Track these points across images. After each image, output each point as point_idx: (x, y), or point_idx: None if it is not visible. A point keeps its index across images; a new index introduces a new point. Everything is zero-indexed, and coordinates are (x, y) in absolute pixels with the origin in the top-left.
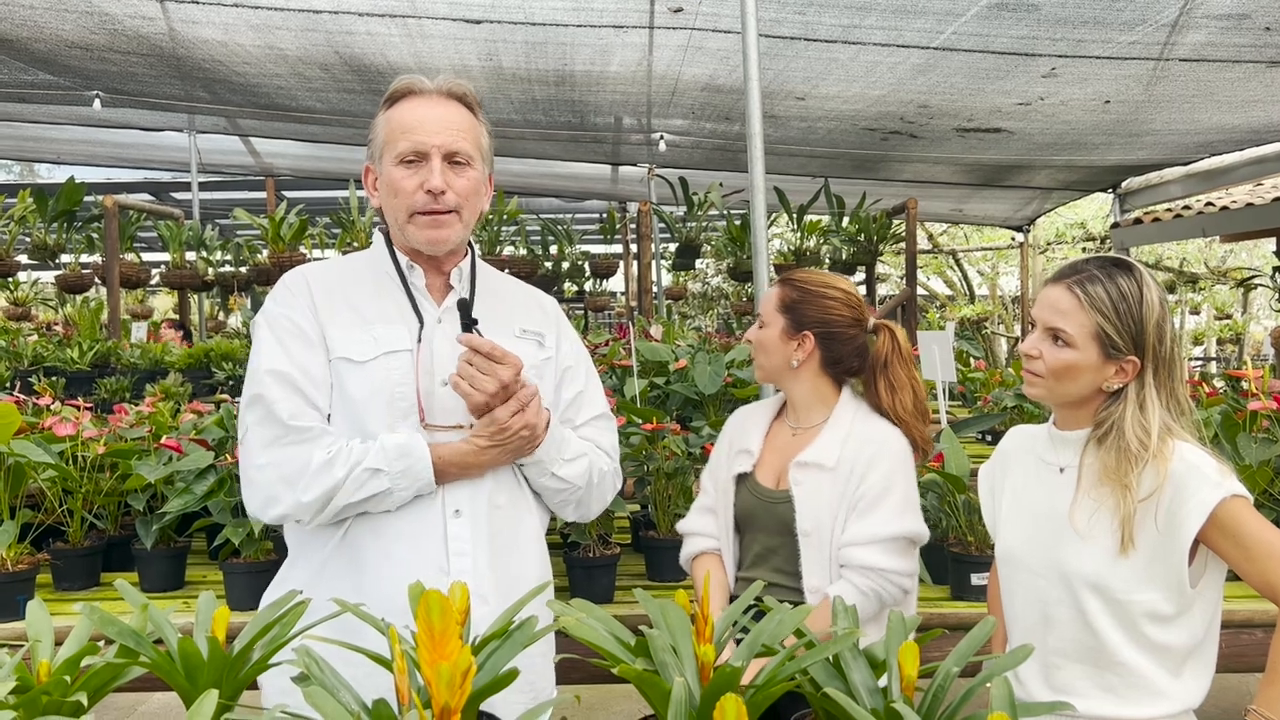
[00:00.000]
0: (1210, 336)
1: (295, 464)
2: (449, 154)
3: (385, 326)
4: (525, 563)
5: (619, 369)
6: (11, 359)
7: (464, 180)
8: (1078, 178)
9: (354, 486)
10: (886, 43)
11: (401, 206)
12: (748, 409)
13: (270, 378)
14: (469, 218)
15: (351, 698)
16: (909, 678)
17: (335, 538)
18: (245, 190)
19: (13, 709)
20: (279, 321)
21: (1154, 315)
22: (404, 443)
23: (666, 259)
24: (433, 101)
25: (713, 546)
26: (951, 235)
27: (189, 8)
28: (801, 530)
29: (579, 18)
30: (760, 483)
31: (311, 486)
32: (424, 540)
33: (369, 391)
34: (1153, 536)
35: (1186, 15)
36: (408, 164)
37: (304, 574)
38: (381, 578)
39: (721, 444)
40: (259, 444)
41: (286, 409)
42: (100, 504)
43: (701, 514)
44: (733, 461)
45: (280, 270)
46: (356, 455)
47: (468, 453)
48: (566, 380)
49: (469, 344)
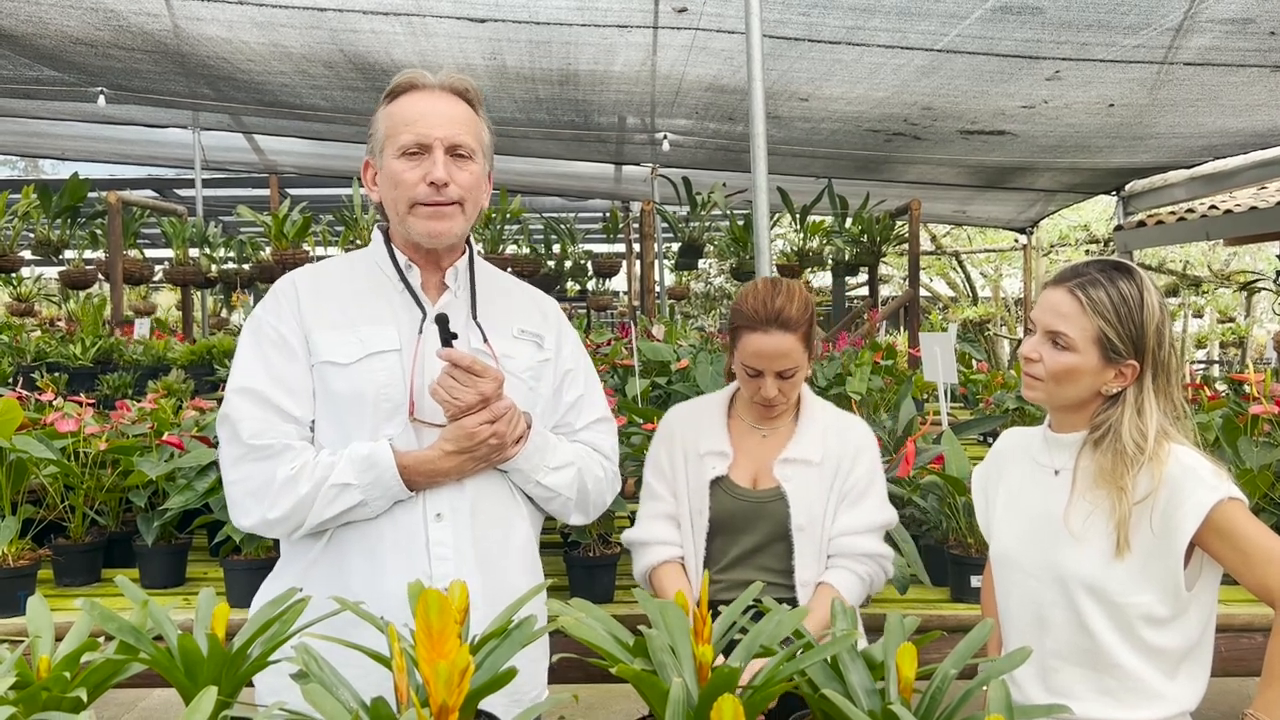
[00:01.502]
0: (1213, 340)
1: (259, 479)
2: (451, 147)
3: (372, 327)
4: (515, 568)
5: (621, 368)
6: (14, 354)
7: (466, 174)
8: (1081, 180)
9: (324, 503)
10: (891, 44)
11: (403, 198)
12: (688, 408)
13: (238, 397)
14: (470, 211)
15: (350, 696)
16: (907, 680)
17: (321, 542)
18: (249, 187)
19: (12, 704)
20: (263, 329)
21: (1154, 320)
22: (368, 454)
23: (669, 258)
24: (435, 96)
25: (677, 555)
26: (955, 237)
27: (194, 5)
28: (796, 526)
29: (583, 17)
30: (737, 484)
31: (278, 503)
32: (406, 545)
33: (354, 393)
34: (1148, 539)
35: (1191, 19)
36: (410, 156)
37: (290, 578)
38: (365, 582)
39: (671, 447)
40: (227, 460)
41: (249, 429)
42: (102, 500)
43: (660, 521)
44: (703, 465)
45: (283, 268)
46: (321, 471)
47: (433, 459)
48: (567, 384)
49: (449, 358)
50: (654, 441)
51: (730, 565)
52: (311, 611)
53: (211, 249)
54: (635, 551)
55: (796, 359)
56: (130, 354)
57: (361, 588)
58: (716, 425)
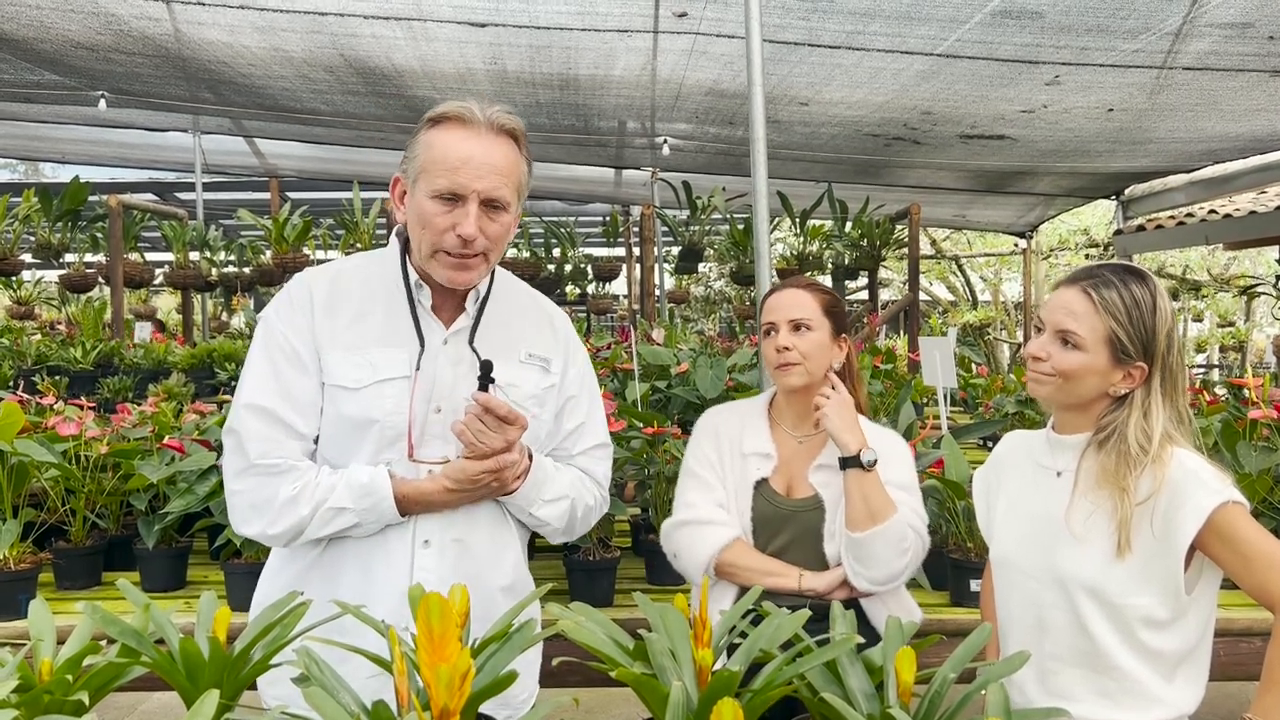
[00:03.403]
0: (1213, 344)
1: (262, 494)
2: (488, 200)
3: (384, 350)
4: (500, 591)
5: (621, 372)
6: (15, 358)
7: (497, 225)
8: (1081, 184)
9: (320, 524)
10: (890, 49)
11: (428, 241)
12: (730, 409)
13: (246, 412)
14: (494, 258)
15: (351, 699)
16: (906, 683)
17: (315, 552)
18: (249, 191)
19: (15, 708)
20: (274, 338)
21: (1165, 324)
22: (367, 481)
23: (669, 262)
24: (480, 137)
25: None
26: (954, 241)
27: (194, 9)
28: (828, 533)
29: (583, 22)
30: (776, 490)
31: (278, 520)
32: (393, 567)
33: (361, 419)
34: (1149, 541)
35: (1190, 24)
36: (443, 200)
37: (288, 579)
38: (355, 591)
39: (718, 443)
40: (231, 471)
41: (256, 448)
42: (102, 504)
43: (715, 507)
44: (746, 465)
45: (284, 271)
46: (321, 493)
47: (432, 493)
48: (568, 410)
49: (485, 404)
50: (697, 437)
51: None
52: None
53: (212, 252)
54: (694, 532)
55: (810, 313)
56: (130, 357)
57: (350, 595)
58: (760, 426)
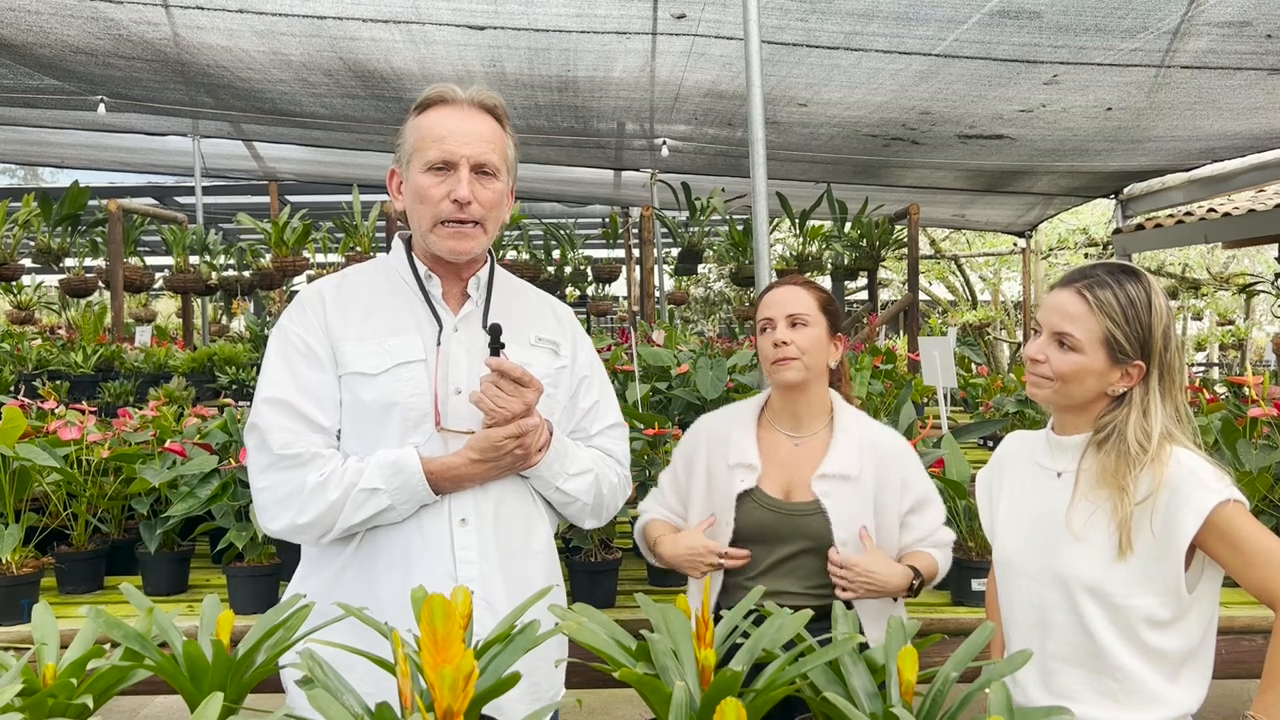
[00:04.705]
0: (1212, 342)
1: (289, 487)
2: (477, 165)
3: (398, 338)
4: (536, 569)
5: (621, 374)
6: (16, 363)
7: (489, 192)
8: (1080, 184)
9: (353, 508)
10: (889, 50)
11: (427, 214)
12: (719, 418)
13: (267, 406)
14: (492, 229)
15: (355, 701)
16: (908, 683)
17: (350, 547)
18: (249, 195)
19: (19, 711)
20: (289, 340)
21: (1161, 322)
22: (395, 459)
23: (669, 264)
24: (464, 112)
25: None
26: (954, 241)
27: (193, 13)
28: (839, 540)
29: (582, 24)
30: (769, 495)
31: (306, 509)
32: (432, 549)
33: (383, 403)
34: (1149, 540)
35: (1188, 23)
36: (436, 171)
37: (319, 582)
38: (395, 585)
39: (692, 462)
40: (256, 468)
41: (278, 439)
42: (104, 508)
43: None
44: (731, 477)
45: (283, 274)
46: (350, 477)
47: (459, 465)
48: (582, 390)
49: (499, 368)
50: (680, 447)
51: (762, 574)
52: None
53: (212, 256)
54: (637, 527)
55: (807, 309)
56: (131, 361)
57: (391, 591)
58: (746, 436)
